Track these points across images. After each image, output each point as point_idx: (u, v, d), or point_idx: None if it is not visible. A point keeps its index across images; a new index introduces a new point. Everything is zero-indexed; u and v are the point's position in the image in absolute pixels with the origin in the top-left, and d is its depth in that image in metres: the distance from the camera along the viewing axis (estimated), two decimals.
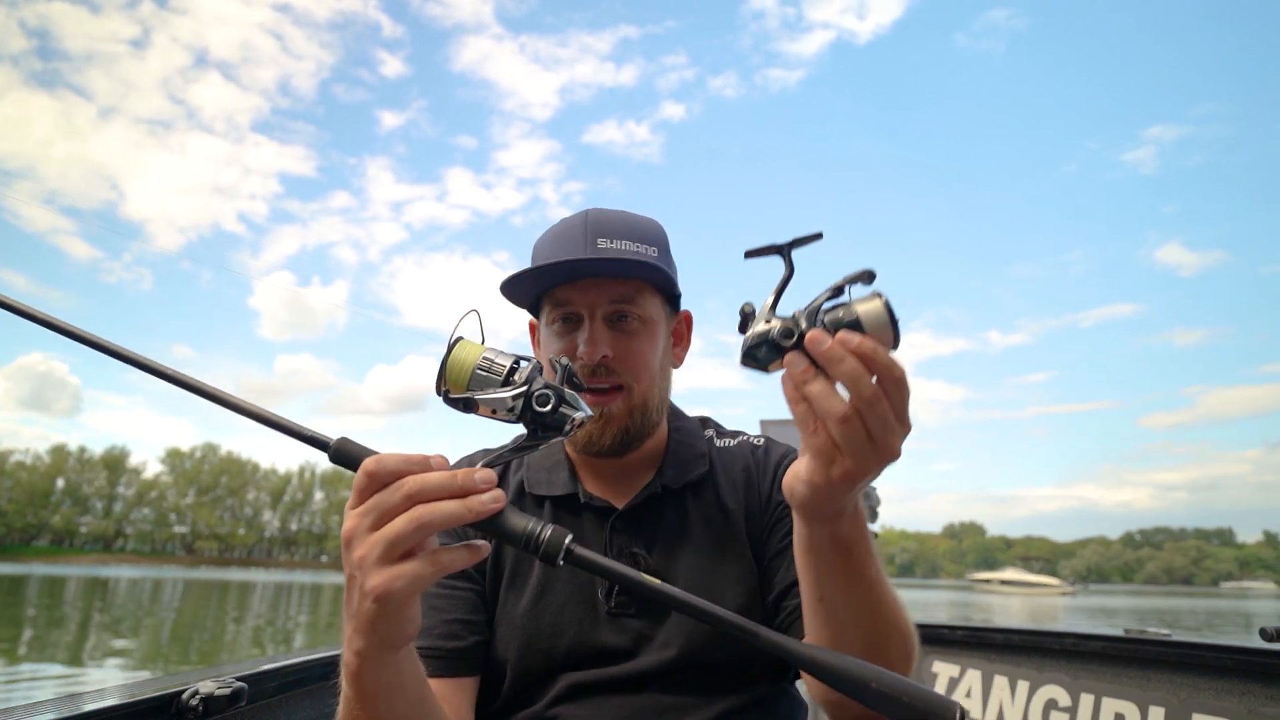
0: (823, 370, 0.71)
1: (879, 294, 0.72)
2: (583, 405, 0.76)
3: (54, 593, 31.74)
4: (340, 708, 0.82)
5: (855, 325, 0.71)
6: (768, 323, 0.74)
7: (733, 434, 1.34)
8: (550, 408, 0.74)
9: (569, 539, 0.70)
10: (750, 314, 0.76)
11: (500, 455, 0.76)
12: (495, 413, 0.74)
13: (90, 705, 1.13)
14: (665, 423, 1.26)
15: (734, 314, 0.73)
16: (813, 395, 0.71)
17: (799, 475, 0.78)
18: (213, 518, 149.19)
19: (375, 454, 0.70)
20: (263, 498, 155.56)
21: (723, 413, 1.28)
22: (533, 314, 1.26)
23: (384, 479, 0.67)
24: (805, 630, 0.97)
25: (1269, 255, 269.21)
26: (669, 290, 1.23)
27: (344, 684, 0.78)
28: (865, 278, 0.73)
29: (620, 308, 1.15)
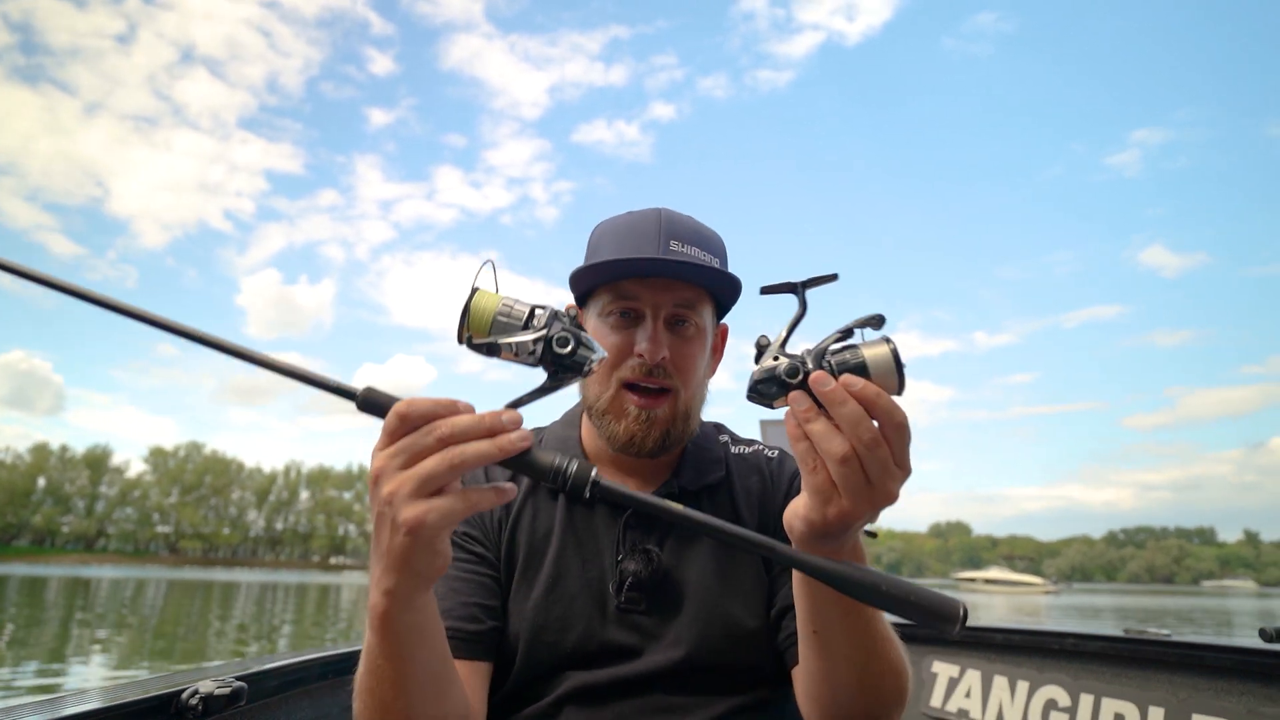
0: (825, 411, 0.73)
1: (887, 339, 0.73)
2: (598, 347, 0.77)
3: (34, 593, 31.34)
4: (362, 664, 0.83)
5: (861, 369, 0.72)
6: (775, 359, 0.76)
7: (747, 442, 1.34)
8: (570, 349, 0.75)
9: (595, 471, 0.71)
10: (765, 346, 0.78)
11: (523, 398, 0.77)
12: (518, 355, 0.75)
13: (90, 704, 1.13)
14: None
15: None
16: (814, 434, 0.73)
17: (797, 512, 0.80)
18: (197, 517, 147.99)
19: (403, 399, 0.71)
20: (248, 497, 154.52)
21: (709, 411, 1.28)
22: (579, 302, 1.25)
23: (415, 421, 0.69)
24: (800, 669, 0.99)
25: (1250, 258, 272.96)
26: (725, 303, 1.24)
27: (368, 635, 0.79)
28: (874, 322, 0.75)
29: (681, 312, 1.16)
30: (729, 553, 1.18)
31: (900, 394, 0.73)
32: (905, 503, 0.70)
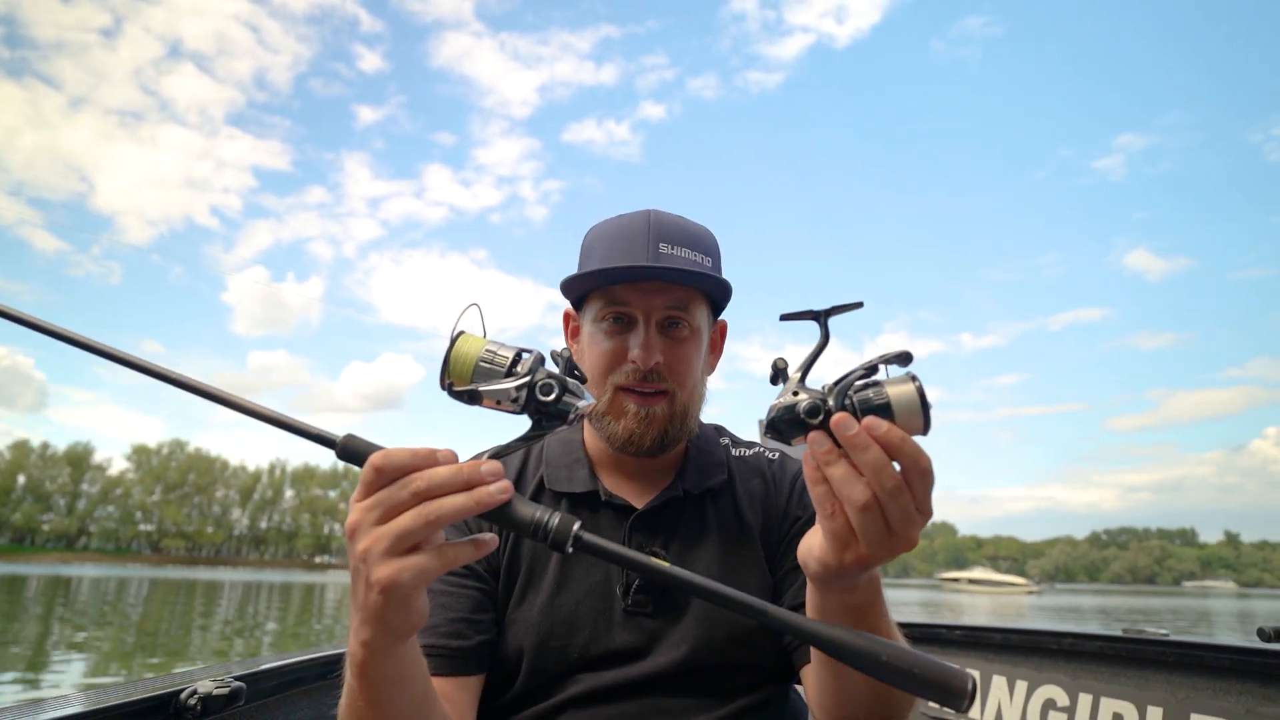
0: (846, 453, 0.70)
1: (913, 376, 0.70)
2: (585, 394, 0.76)
3: (13, 592, 30.94)
4: (343, 701, 0.83)
5: (885, 409, 0.69)
6: (795, 394, 0.73)
7: (748, 444, 1.35)
8: (554, 397, 0.74)
9: (577, 525, 0.69)
10: (783, 370, 0.75)
11: (506, 447, 0.76)
12: (500, 404, 0.74)
13: (89, 704, 1.13)
14: None
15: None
16: (834, 478, 0.70)
17: (812, 552, 0.78)
18: (180, 516, 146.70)
19: (382, 449, 0.69)
20: (232, 495, 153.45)
21: (708, 412, 1.29)
22: (575, 306, 1.26)
23: (391, 474, 0.67)
24: (811, 674, 1.00)
25: (1233, 262, 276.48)
26: (719, 301, 1.24)
27: (349, 676, 0.79)
28: (901, 359, 0.71)
29: (674, 314, 1.16)
30: (734, 553, 1.19)
31: (925, 434, 0.70)
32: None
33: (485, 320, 0.79)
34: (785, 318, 0.78)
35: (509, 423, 0.76)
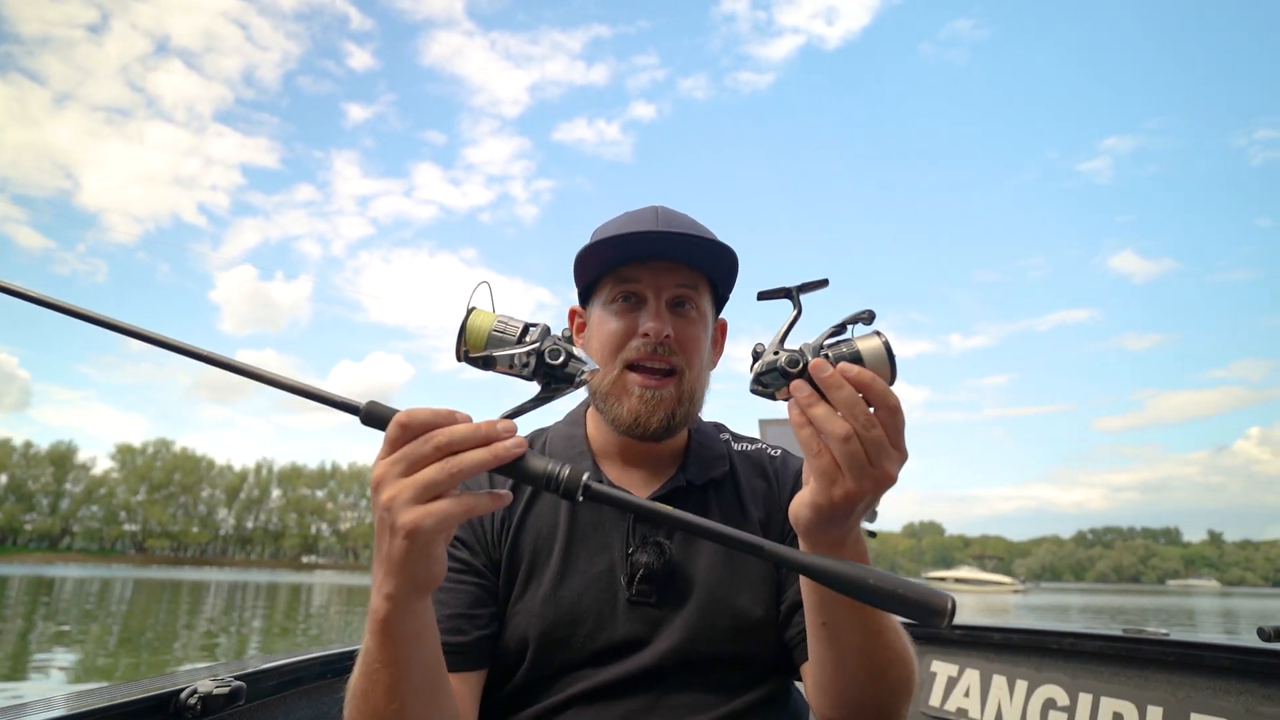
0: (826, 397, 0.78)
1: (878, 333, 0.80)
2: (590, 360, 0.81)
3: None
4: (357, 667, 0.85)
5: (856, 360, 0.79)
6: (776, 354, 0.82)
7: (749, 440, 1.36)
8: (562, 361, 0.79)
9: (586, 475, 0.74)
10: (760, 353, 0.83)
11: (518, 409, 0.81)
12: (511, 368, 0.80)
13: (88, 704, 1.14)
14: None
15: None
16: (817, 418, 0.78)
17: (803, 500, 0.84)
18: (165, 515, 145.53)
19: (403, 410, 0.74)
20: (218, 495, 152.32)
21: (706, 413, 1.32)
22: (583, 299, 1.28)
23: (416, 430, 0.72)
24: (809, 652, 1.02)
25: (1217, 264, 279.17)
26: (723, 292, 1.27)
27: (368, 636, 0.81)
28: (865, 317, 0.81)
29: (683, 293, 1.18)
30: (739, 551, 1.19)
31: (892, 383, 0.79)
32: (880, 502, 0.80)
33: (494, 298, 0.84)
34: (762, 296, 0.88)
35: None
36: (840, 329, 0.81)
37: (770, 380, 0.81)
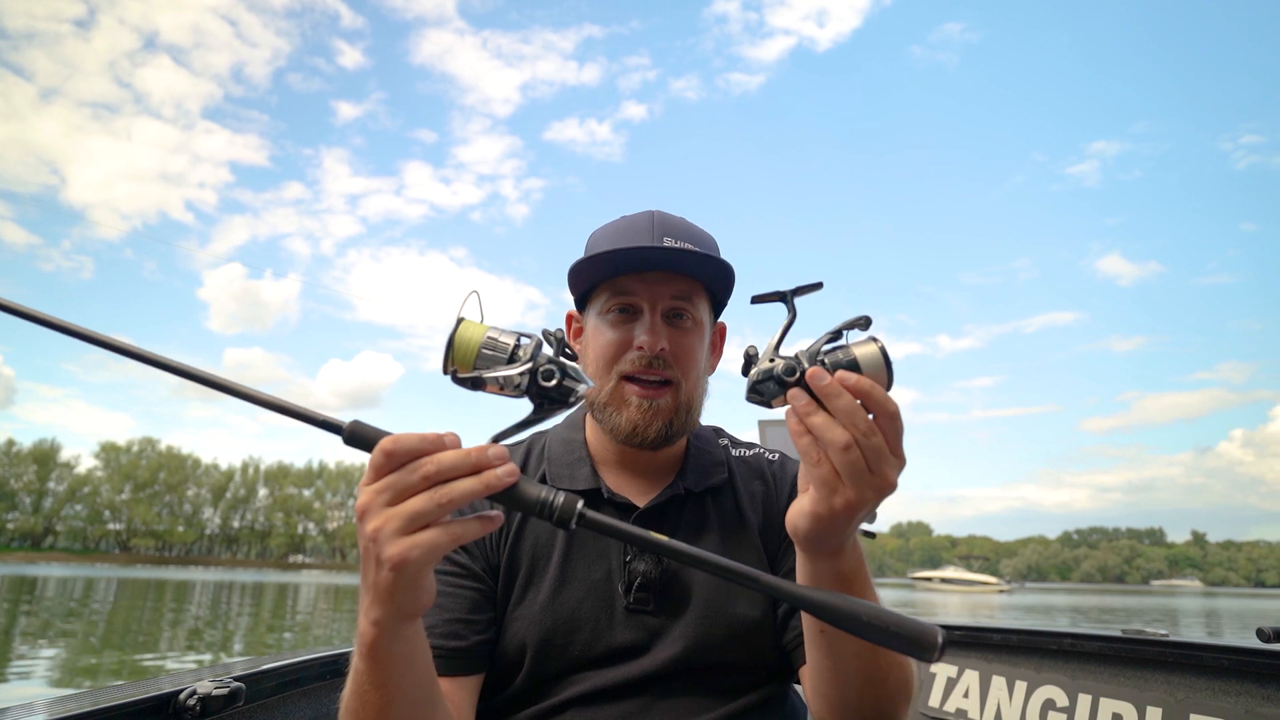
0: (823, 405, 0.77)
1: (875, 338, 0.79)
2: (585, 378, 0.78)
3: None
4: (347, 690, 0.84)
5: (853, 366, 0.77)
6: (771, 361, 0.80)
7: (747, 445, 1.37)
8: (555, 382, 0.76)
9: (581, 503, 0.72)
10: (753, 356, 0.82)
11: (508, 431, 0.78)
12: (503, 389, 0.76)
13: (87, 705, 1.15)
14: None
15: None
16: (815, 427, 0.77)
17: (802, 509, 0.82)
18: (150, 514, 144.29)
19: (389, 434, 0.71)
20: (204, 494, 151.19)
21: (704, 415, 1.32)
22: (579, 305, 1.27)
23: (401, 458, 0.69)
24: (807, 658, 1.01)
25: (1201, 267, 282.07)
26: (720, 298, 1.26)
27: (356, 660, 0.80)
28: (862, 323, 0.80)
29: (678, 305, 1.17)
30: (735, 551, 1.20)
31: (889, 388, 0.78)
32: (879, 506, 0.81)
33: (483, 308, 0.81)
34: (756, 300, 0.87)
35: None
36: (836, 335, 0.80)
37: (766, 389, 0.80)
